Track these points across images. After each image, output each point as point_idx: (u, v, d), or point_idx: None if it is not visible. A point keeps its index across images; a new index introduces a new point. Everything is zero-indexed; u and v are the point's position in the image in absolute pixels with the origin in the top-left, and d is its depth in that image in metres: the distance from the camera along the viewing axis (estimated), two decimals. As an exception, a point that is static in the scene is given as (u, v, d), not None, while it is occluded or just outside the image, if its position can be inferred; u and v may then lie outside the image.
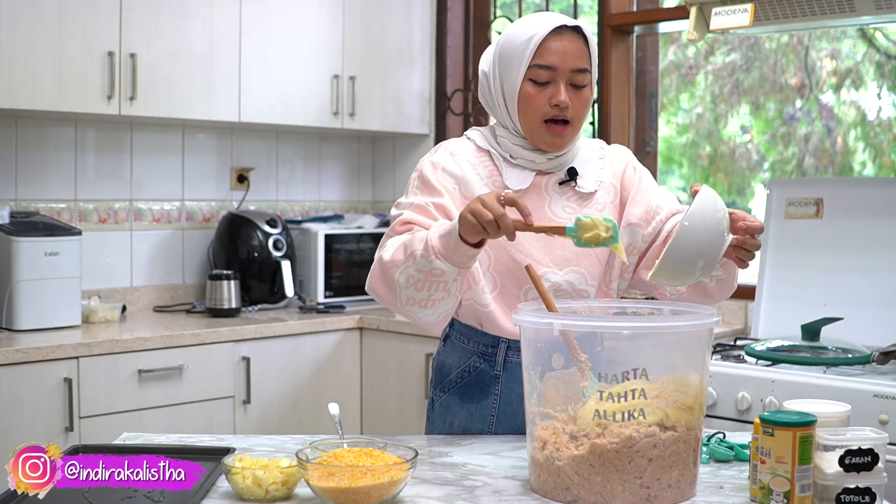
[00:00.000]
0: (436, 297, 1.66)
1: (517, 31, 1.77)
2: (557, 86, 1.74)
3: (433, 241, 1.61)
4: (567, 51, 1.74)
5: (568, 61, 1.74)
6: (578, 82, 1.76)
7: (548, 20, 1.75)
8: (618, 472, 1.39)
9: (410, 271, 1.64)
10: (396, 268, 1.66)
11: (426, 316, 1.70)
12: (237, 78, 3.52)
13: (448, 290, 1.65)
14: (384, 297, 1.72)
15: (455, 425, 1.87)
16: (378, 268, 1.71)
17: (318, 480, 1.38)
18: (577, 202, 1.82)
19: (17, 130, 3.37)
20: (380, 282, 1.71)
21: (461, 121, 4.18)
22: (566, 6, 3.97)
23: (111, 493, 1.46)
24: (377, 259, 1.72)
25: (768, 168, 3.78)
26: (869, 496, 1.35)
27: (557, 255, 1.78)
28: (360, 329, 3.58)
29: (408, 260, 1.64)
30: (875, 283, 2.86)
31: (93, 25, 3.14)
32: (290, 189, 4.13)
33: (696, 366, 1.46)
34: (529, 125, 1.77)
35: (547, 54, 1.73)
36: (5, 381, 2.71)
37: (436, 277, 1.62)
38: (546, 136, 1.77)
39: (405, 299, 1.68)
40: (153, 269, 3.72)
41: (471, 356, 1.85)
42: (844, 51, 3.56)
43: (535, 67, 1.74)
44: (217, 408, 3.18)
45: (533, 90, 1.75)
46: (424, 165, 1.84)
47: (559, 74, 1.74)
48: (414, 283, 1.64)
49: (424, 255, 1.61)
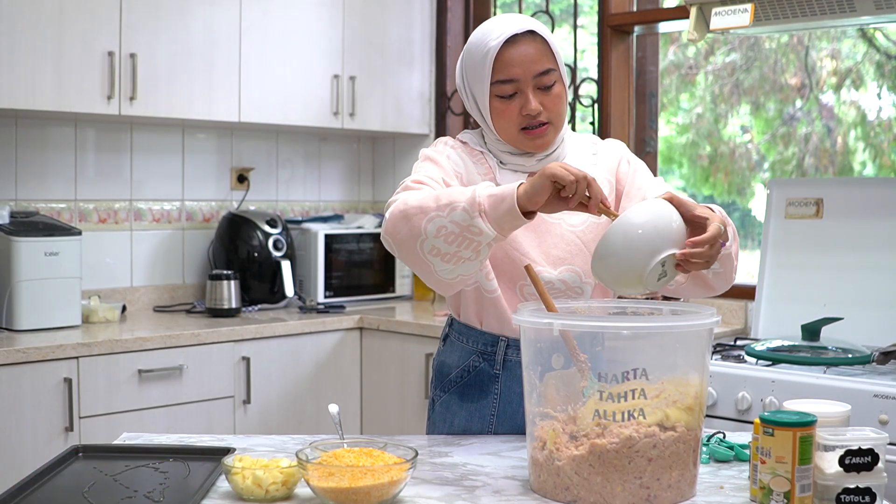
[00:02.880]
0: (463, 255, 1.56)
1: (474, 45, 1.74)
2: (525, 95, 1.72)
3: (481, 197, 1.52)
4: (525, 58, 1.70)
5: (528, 68, 1.70)
6: (545, 83, 1.72)
7: (500, 31, 1.70)
8: (617, 473, 1.39)
9: (444, 221, 1.53)
10: (425, 214, 1.55)
11: (445, 272, 1.59)
12: (237, 78, 3.52)
13: (478, 252, 1.55)
14: (404, 240, 1.58)
15: (455, 425, 1.87)
16: (400, 211, 1.58)
17: (318, 480, 1.38)
18: None
19: (17, 130, 3.37)
20: (401, 224, 1.58)
21: (461, 121, 4.18)
22: (566, 6, 3.97)
23: (111, 492, 1.46)
24: (397, 204, 1.60)
25: (768, 168, 3.78)
26: (869, 496, 1.35)
27: (551, 254, 1.78)
28: (360, 329, 3.58)
29: (442, 209, 1.54)
30: (875, 283, 2.86)
31: (93, 25, 3.14)
32: (290, 189, 4.13)
33: (696, 366, 1.46)
34: (508, 135, 1.77)
35: (505, 67, 1.70)
36: (5, 381, 2.71)
37: (473, 235, 1.53)
38: (527, 141, 1.76)
39: (429, 248, 1.56)
40: (153, 269, 3.72)
41: (470, 355, 1.85)
42: (844, 51, 3.56)
43: (498, 83, 1.71)
44: (217, 408, 3.18)
45: (501, 105, 1.73)
46: (429, 151, 1.82)
47: (523, 83, 1.71)
48: (445, 234, 1.54)
49: (468, 209, 1.51)
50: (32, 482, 1.48)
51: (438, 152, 1.81)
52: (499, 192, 1.52)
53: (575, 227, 1.80)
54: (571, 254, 1.79)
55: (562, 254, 1.79)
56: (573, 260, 1.79)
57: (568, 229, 1.80)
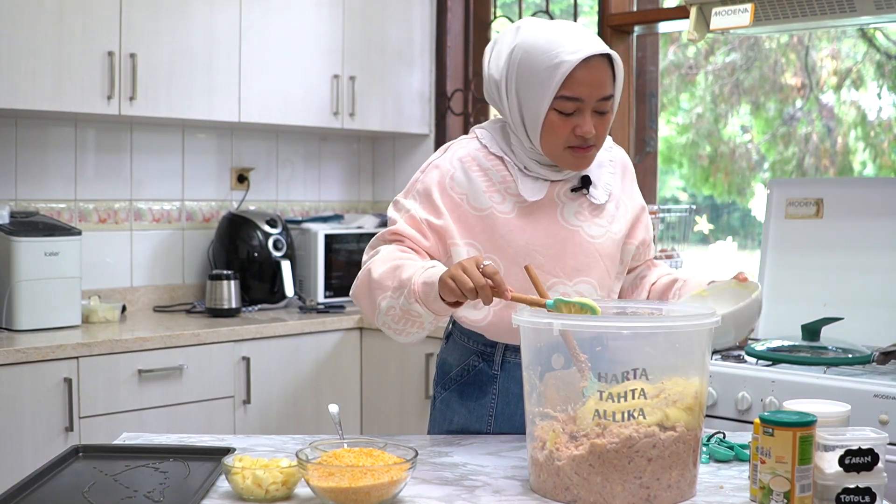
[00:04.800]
0: (410, 331, 1.68)
1: (541, 53, 1.65)
2: (584, 116, 1.67)
3: (416, 284, 1.60)
4: (595, 81, 1.66)
5: (595, 92, 1.67)
6: (603, 109, 1.70)
7: (577, 47, 1.64)
8: (617, 472, 1.39)
9: (392, 302, 1.65)
10: (382, 291, 1.67)
11: (399, 339, 1.72)
12: (237, 78, 3.52)
13: (422, 328, 1.67)
14: (364, 309, 1.74)
15: (454, 422, 1.87)
16: (365, 281, 1.71)
17: (318, 480, 1.38)
18: (589, 210, 1.79)
19: (17, 130, 3.37)
20: (364, 296, 1.72)
21: (461, 121, 4.18)
22: (566, 6, 3.97)
23: (111, 492, 1.46)
24: (366, 270, 1.72)
25: (768, 168, 3.78)
26: (869, 496, 1.35)
27: (568, 265, 1.76)
28: (359, 329, 3.58)
29: (394, 292, 1.64)
30: (875, 283, 2.86)
31: (93, 25, 3.14)
32: (290, 189, 4.13)
33: (696, 366, 1.46)
34: (551, 150, 1.71)
35: (575, 86, 1.65)
36: (5, 381, 2.71)
37: (413, 317, 1.64)
38: (570, 159, 1.72)
39: (381, 321, 1.70)
40: (153, 269, 3.72)
41: (470, 355, 1.86)
42: (844, 51, 3.56)
43: (562, 99, 1.66)
44: (217, 408, 3.18)
45: (558, 120, 1.67)
46: (430, 177, 1.78)
47: (585, 105, 1.67)
48: (393, 314, 1.66)
49: (406, 295, 1.61)
50: (32, 482, 1.48)
51: (438, 187, 1.76)
52: (430, 280, 1.59)
53: (594, 238, 1.78)
54: (588, 266, 1.77)
55: (578, 265, 1.77)
56: (589, 272, 1.77)
57: (587, 239, 1.77)
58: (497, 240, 1.74)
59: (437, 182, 1.77)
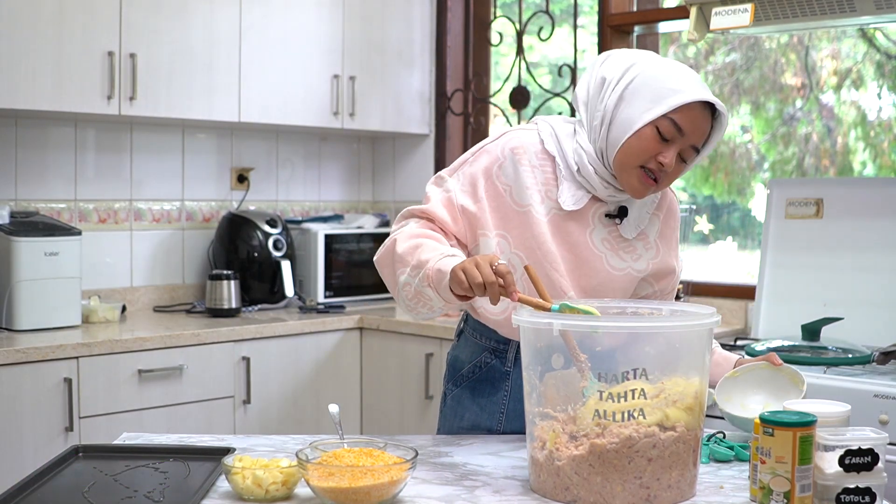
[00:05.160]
0: (421, 310, 1.72)
1: (665, 75, 1.68)
2: (671, 149, 1.67)
3: (431, 270, 1.63)
4: (699, 126, 1.68)
5: (694, 135, 1.68)
6: (688, 156, 1.71)
7: (700, 89, 1.68)
8: (617, 472, 1.39)
9: (409, 280, 1.69)
10: (402, 266, 1.71)
11: (410, 312, 1.75)
12: (237, 78, 3.52)
13: (433, 310, 1.70)
14: (385, 278, 1.79)
15: (465, 419, 1.88)
16: (390, 252, 1.75)
17: (318, 480, 1.39)
18: (617, 240, 1.78)
19: (17, 130, 3.37)
20: (387, 266, 1.77)
21: (461, 121, 4.18)
22: (566, 6, 3.97)
23: (111, 492, 1.46)
24: (391, 241, 1.76)
25: (768, 168, 3.77)
26: (869, 496, 1.35)
27: (582, 285, 1.76)
28: (360, 329, 3.58)
29: (413, 270, 1.68)
30: (875, 283, 2.86)
31: (93, 25, 3.14)
32: (290, 189, 4.13)
33: (696, 366, 1.46)
34: (622, 161, 1.70)
35: (685, 118, 1.66)
36: (5, 381, 2.71)
37: (424, 299, 1.68)
38: (635, 180, 1.70)
39: (398, 293, 1.74)
40: (153, 269, 3.72)
41: (482, 352, 1.86)
42: (844, 51, 3.55)
43: (669, 120, 1.66)
44: (217, 408, 3.18)
45: (652, 136, 1.66)
46: (479, 162, 1.79)
47: (679, 141, 1.68)
48: (408, 291, 1.70)
49: (421, 277, 1.65)
50: (32, 482, 1.48)
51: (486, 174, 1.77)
52: (444, 268, 1.61)
53: (615, 269, 1.78)
54: (601, 292, 1.77)
55: (593, 288, 1.77)
56: (605, 292, 1.77)
57: (607, 268, 1.77)
58: (528, 238, 1.75)
59: (485, 169, 1.78)
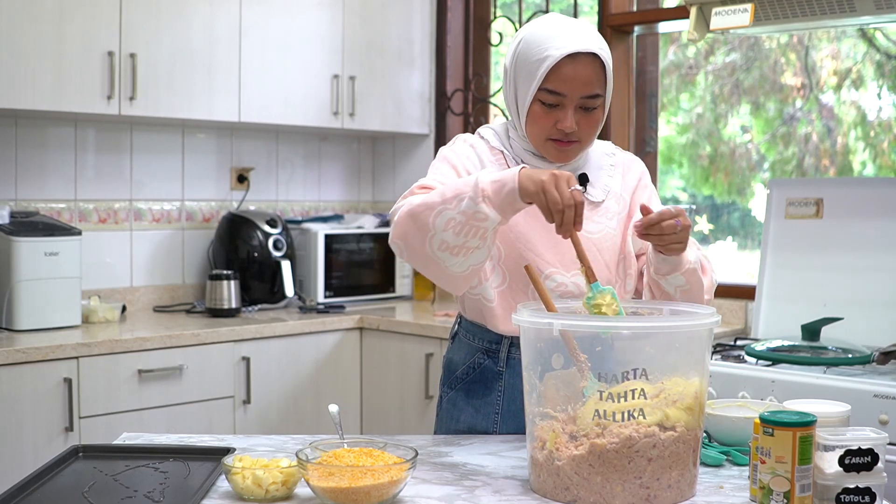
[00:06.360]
0: (471, 245, 1.59)
1: (533, 45, 1.71)
2: (565, 111, 1.70)
3: (483, 183, 1.56)
4: (578, 77, 1.68)
5: (578, 88, 1.69)
6: (589, 105, 1.72)
7: (563, 42, 1.67)
8: (617, 472, 1.39)
9: (452, 213, 1.57)
10: (431, 210, 1.59)
11: (455, 265, 1.62)
12: (237, 78, 3.52)
13: (485, 239, 1.59)
14: (412, 241, 1.63)
15: (461, 421, 1.88)
16: (406, 212, 1.63)
17: (318, 480, 1.39)
18: (588, 209, 1.81)
19: (17, 130, 3.37)
20: (408, 225, 1.62)
21: (461, 121, 4.18)
22: (566, 6, 3.97)
23: (111, 492, 1.46)
24: (404, 207, 1.65)
25: (768, 168, 3.77)
26: (869, 496, 1.35)
27: (566, 257, 1.77)
28: (360, 329, 3.58)
29: (448, 202, 1.58)
30: (875, 283, 2.86)
31: (93, 25, 3.14)
32: (290, 189, 4.13)
33: (696, 366, 1.46)
34: (535, 140, 1.77)
35: (557, 80, 1.68)
36: (5, 381, 2.71)
37: (478, 222, 1.56)
38: (552, 150, 1.76)
39: (438, 243, 1.60)
40: (153, 269, 3.72)
41: (475, 353, 1.86)
42: (844, 51, 3.55)
43: (544, 91, 1.69)
44: (217, 408, 3.18)
45: (540, 110, 1.72)
46: (447, 151, 1.84)
47: (568, 100, 1.70)
48: (454, 226, 1.58)
49: (472, 196, 1.55)
50: (32, 482, 1.48)
51: (457, 152, 1.82)
52: (500, 178, 1.57)
53: (591, 234, 1.80)
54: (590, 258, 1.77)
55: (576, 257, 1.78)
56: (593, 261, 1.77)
57: (584, 235, 1.78)
58: None
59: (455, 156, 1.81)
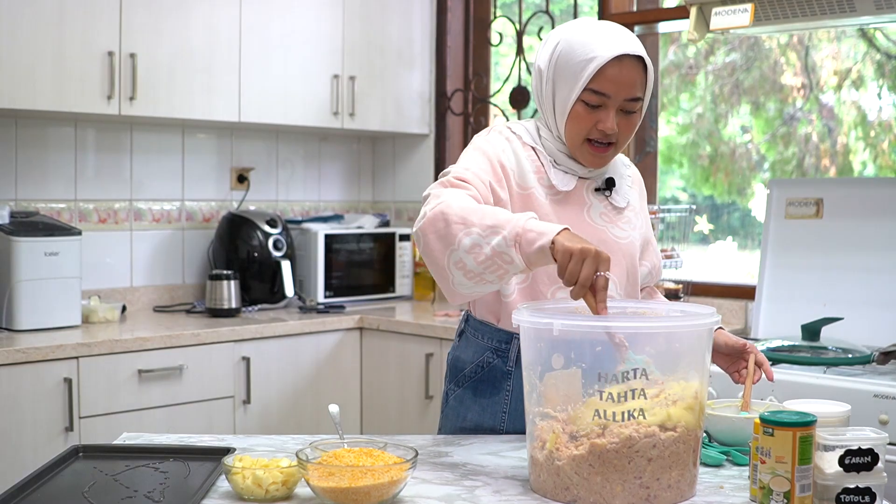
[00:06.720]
0: (487, 279, 1.56)
1: (577, 45, 1.72)
2: (608, 112, 1.72)
3: (523, 229, 1.50)
4: (624, 80, 1.70)
5: (623, 91, 1.71)
6: (629, 108, 1.74)
7: (611, 44, 1.70)
8: (617, 472, 1.39)
9: (481, 241, 1.52)
10: (466, 227, 1.54)
11: (463, 286, 1.59)
12: (237, 78, 3.52)
13: (502, 278, 1.56)
14: (433, 243, 1.58)
15: (468, 419, 1.88)
16: (441, 213, 1.57)
17: (318, 480, 1.38)
18: (612, 212, 1.85)
19: (17, 130, 3.37)
20: (437, 226, 1.57)
21: (461, 121, 4.18)
22: (566, 6, 3.97)
23: (111, 492, 1.46)
24: (442, 202, 1.59)
25: (768, 168, 3.77)
26: (869, 496, 1.35)
27: None
28: (360, 329, 3.58)
29: (484, 230, 1.53)
30: (875, 283, 2.86)
31: (93, 25, 3.14)
32: (290, 189, 4.13)
33: (696, 366, 1.46)
34: (573, 141, 1.77)
35: (603, 81, 1.70)
36: (5, 381, 2.71)
37: (503, 263, 1.52)
38: (587, 154, 1.77)
39: (456, 260, 1.55)
40: (153, 269, 3.72)
41: (484, 352, 1.86)
42: (844, 51, 3.56)
43: (590, 91, 1.71)
44: (217, 408, 3.18)
45: (583, 111, 1.73)
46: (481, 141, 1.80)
47: (611, 102, 1.72)
48: (477, 254, 1.53)
49: (507, 236, 1.50)
50: (32, 482, 1.48)
51: (493, 144, 1.80)
52: (542, 230, 1.50)
53: (620, 239, 1.83)
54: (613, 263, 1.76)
55: None
56: (613, 268, 1.78)
57: (613, 239, 1.82)
58: None
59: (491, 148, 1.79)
